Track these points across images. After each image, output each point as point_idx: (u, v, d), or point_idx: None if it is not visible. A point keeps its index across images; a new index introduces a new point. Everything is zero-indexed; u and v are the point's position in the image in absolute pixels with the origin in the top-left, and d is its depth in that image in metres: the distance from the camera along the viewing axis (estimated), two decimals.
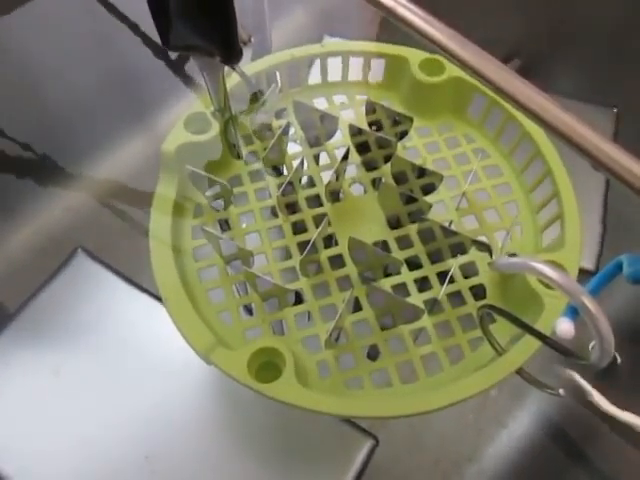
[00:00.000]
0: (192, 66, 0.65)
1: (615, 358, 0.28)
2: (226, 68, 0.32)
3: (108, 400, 0.44)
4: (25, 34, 0.69)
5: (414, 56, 0.41)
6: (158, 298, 0.47)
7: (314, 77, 0.44)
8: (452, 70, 0.41)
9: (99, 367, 0.45)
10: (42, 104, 0.65)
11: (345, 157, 0.38)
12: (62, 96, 0.66)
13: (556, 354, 0.25)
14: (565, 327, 0.24)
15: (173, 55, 0.65)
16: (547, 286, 0.32)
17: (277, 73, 0.42)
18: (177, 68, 0.65)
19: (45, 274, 0.49)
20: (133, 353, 0.46)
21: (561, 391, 0.29)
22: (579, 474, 0.52)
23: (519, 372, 0.31)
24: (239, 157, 0.39)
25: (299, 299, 0.36)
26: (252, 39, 0.32)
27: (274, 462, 0.42)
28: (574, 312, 0.24)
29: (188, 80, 0.65)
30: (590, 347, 0.24)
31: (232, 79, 0.40)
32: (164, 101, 0.64)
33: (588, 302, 0.23)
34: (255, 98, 0.36)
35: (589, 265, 0.51)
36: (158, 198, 0.37)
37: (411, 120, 0.39)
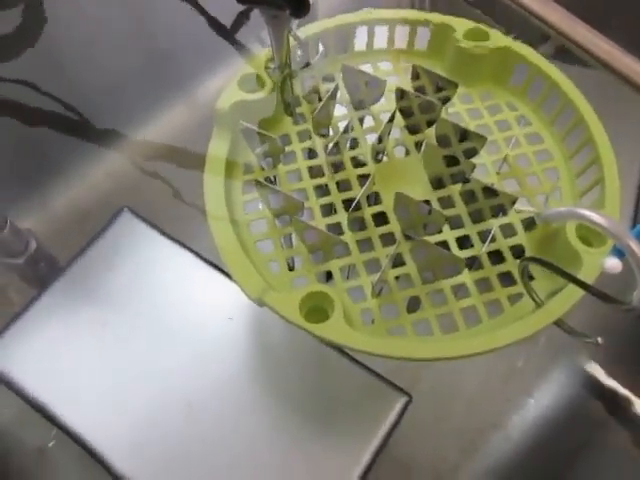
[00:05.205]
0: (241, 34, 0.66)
1: None
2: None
3: (152, 351, 0.46)
4: None
5: (460, 25, 0.42)
6: (202, 257, 0.49)
7: (358, 44, 0.46)
8: (497, 40, 0.42)
9: (144, 320, 0.47)
10: (88, 67, 0.67)
11: (391, 119, 0.39)
12: (109, 61, 0.67)
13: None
14: (614, 263, 0.25)
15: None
16: (586, 243, 0.33)
17: (324, 39, 0.44)
18: (228, 35, 0.66)
19: (91, 234, 0.51)
20: (177, 307, 0.48)
21: (599, 339, 0.30)
22: (603, 442, 0.54)
23: (558, 323, 0.32)
24: (291, 114, 0.40)
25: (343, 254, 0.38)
26: None
27: (308, 413, 0.44)
28: (618, 255, 0.25)
29: (237, 47, 0.66)
30: (635, 293, 0.25)
31: None
32: (206, 71, 0.66)
33: (633, 244, 0.24)
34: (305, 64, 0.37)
35: None
36: (211, 154, 0.39)
37: (456, 86, 0.40)
